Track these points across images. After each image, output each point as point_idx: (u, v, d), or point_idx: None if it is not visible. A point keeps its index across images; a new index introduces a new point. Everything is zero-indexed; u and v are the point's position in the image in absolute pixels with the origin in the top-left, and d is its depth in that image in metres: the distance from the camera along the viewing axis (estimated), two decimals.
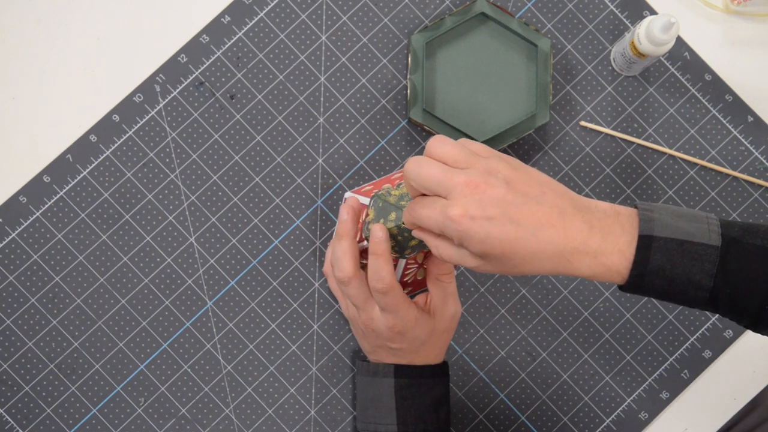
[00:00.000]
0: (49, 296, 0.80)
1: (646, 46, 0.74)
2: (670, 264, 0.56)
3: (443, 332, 0.72)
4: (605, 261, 0.56)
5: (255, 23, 0.82)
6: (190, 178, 0.81)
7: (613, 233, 0.57)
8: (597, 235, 0.56)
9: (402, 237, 0.65)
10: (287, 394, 0.80)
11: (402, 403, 0.70)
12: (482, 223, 0.55)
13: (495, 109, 0.80)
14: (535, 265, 0.56)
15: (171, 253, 0.80)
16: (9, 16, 0.81)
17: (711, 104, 0.82)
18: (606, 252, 0.56)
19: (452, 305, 0.72)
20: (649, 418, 0.81)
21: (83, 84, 0.81)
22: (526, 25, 0.79)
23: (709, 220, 0.58)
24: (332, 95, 0.82)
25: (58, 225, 0.80)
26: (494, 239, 0.55)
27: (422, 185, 0.57)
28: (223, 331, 0.80)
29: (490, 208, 0.55)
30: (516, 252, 0.55)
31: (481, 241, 0.55)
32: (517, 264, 0.56)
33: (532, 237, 0.55)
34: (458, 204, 0.55)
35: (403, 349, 0.71)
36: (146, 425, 0.79)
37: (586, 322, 0.81)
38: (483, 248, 0.55)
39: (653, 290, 0.58)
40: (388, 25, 0.82)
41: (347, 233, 0.69)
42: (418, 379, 0.71)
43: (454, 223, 0.55)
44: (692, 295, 0.58)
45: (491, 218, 0.55)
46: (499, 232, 0.55)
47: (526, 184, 0.57)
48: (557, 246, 0.56)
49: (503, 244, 0.55)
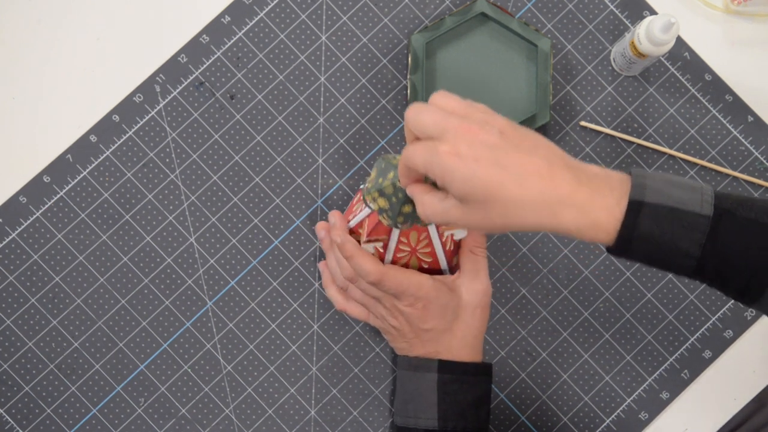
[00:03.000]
0: (49, 296, 0.80)
1: (646, 46, 0.74)
2: (659, 230, 0.56)
3: (475, 308, 0.71)
4: (591, 215, 0.55)
5: (255, 23, 0.82)
6: (190, 178, 0.81)
7: (601, 191, 0.56)
8: (585, 189, 0.55)
9: (396, 198, 0.65)
10: (287, 394, 0.80)
11: (444, 399, 0.69)
12: (469, 162, 0.54)
13: (495, 109, 0.79)
14: (518, 215, 0.55)
15: (171, 253, 0.80)
16: (9, 16, 0.81)
17: (711, 104, 0.82)
18: (593, 207, 0.55)
19: (483, 280, 0.71)
20: (649, 418, 0.81)
21: (83, 84, 0.81)
22: (526, 25, 0.79)
23: (704, 190, 0.57)
24: (332, 95, 0.82)
25: (58, 225, 0.80)
26: (478, 180, 0.54)
27: (419, 128, 0.57)
28: (223, 331, 0.80)
29: (480, 150, 0.54)
30: (500, 197, 0.54)
31: (465, 180, 0.54)
32: (500, 212, 0.55)
33: (517, 184, 0.54)
34: (448, 142, 0.55)
35: (437, 329, 0.70)
36: (146, 425, 0.79)
37: (586, 322, 0.81)
38: (466, 189, 0.55)
39: (640, 255, 0.57)
40: (388, 25, 0.82)
41: (329, 248, 0.74)
42: (462, 375, 0.70)
43: (441, 158, 0.55)
44: (679, 262, 0.57)
45: (478, 159, 0.54)
46: (484, 173, 0.54)
47: (520, 138, 0.56)
48: (543, 195, 0.55)
49: (487, 187, 0.54)
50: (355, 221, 0.71)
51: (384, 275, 0.67)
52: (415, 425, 0.70)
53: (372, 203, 0.68)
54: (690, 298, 0.81)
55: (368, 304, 0.73)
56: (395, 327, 0.72)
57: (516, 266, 0.81)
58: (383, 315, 0.72)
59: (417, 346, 0.71)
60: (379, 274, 0.67)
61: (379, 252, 0.70)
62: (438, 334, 0.70)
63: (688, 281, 0.81)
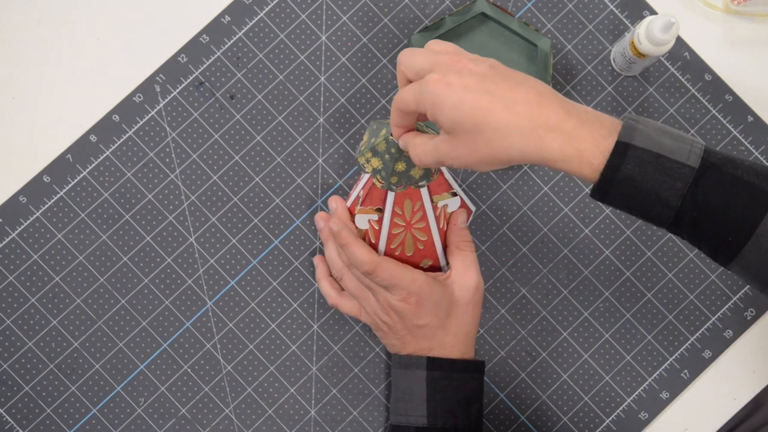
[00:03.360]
0: (49, 296, 0.80)
1: (646, 46, 0.74)
2: (641, 175, 0.55)
3: (468, 304, 0.71)
4: (578, 144, 0.55)
5: (255, 23, 0.82)
6: (190, 178, 0.81)
7: (591, 124, 0.56)
8: (574, 120, 0.55)
9: (389, 155, 0.65)
10: (287, 394, 0.80)
11: (433, 396, 0.70)
12: (457, 89, 0.55)
13: None
14: (505, 141, 0.55)
15: (171, 253, 0.80)
16: (9, 16, 0.81)
17: (711, 104, 0.82)
18: (581, 137, 0.55)
19: (474, 275, 0.72)
20: (649, 418, 0.81)
21: (83, 84, 0.81)
22: (526, 25, 0.79)
23: (694, 142, 0.57)
24: (332, 95, 0.82)
25: (58, 225, 0.80)
26: (467, 105, 0.55)
27: (411, 69, 0.58)
28: (223, 331, 0.80)
29: (468, 79, 0.55)
30: (488, 123, 0.55)
31: (453, 107, 0.55)
32: (488, 139, 0.55)
33: (505, 109, 0.55)
34: (438, 71, 0.56)
35: (430, 325, 0.70)
36: (146, 425, 0.79)
37: (586, 322, 0.81)
38: (454, 115, 0.55)
39: (620, 200, 0.57)
40: (388, 25, 0.82)
41: (328, 237, 0.75)
42: (451, 372, 0.70)
43: (430, 85, 0.56)
44: (658, 211, 0.56)
45: (467, 86, 0.55)
46: (472, 99, 0.55)
47: (510, 71, 0.57)
48: (530, 120, 0.55)
49: (475, 112, 0.55)
50: (352, 198, 0.71)
51: (378, 266, 0.68)
52: (407, 423, 0.71)
53: (366, 164, 0.67)
54: (690, 298, 0.81)
55: (361, 297, 0.73)
56: (387, 323, 0.72)
57: (516, 266, 0.81)
58: (376, 310, 0.72)
59: (410, 343, 0.72)
60: (374, 264, 0.68)
61: (374, 229, 0.70)
62: (431, 330, 0.70)
63: (688, 281, 0.81)
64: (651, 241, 0.81)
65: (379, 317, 0.72)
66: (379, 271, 0.68)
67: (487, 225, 0.81)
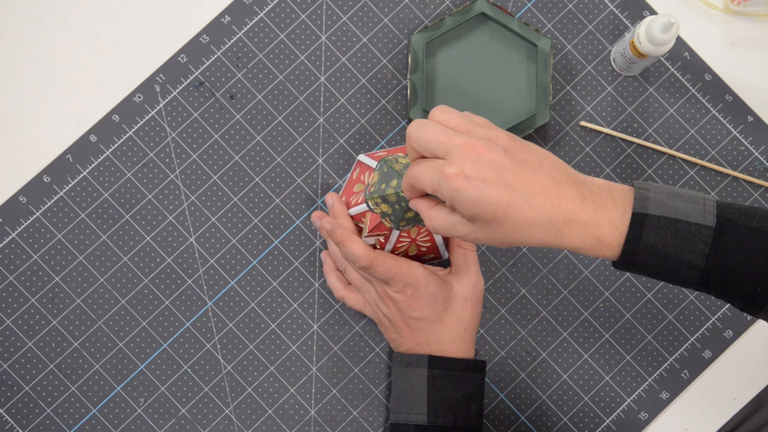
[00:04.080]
0: (49, 296, 0.80)
1: (646, 46, 0.74)
2: (662, 242, 0.56)
3: (466, 300, 0.71)
4: (596, 232, 0.56)
5: (255, 23, 0.82)
6: (190, 178, 0.81)
7: (605, 206, 0.57)
8: (589, 206, 0.56)
9: (399, 206, 0.66)
10: (287, 394, 0.80)
11: (434, 394, 0.70)
12: (477, 184, 0.55)
13: (495, 109, 0.80)
14: (526, 233, 0.56)
15: (171, 253, 0.80)
16: (9, 16, 0.81)
17: (711, 104, 0.82)
18: (597, 224, 0.56)
19: (473, 272, 0.72)
20: (649, 418, 0.81)
21: (83, 84, 0.81)
22: (526, 25, 0.79)
23: (706, 200, 0.58)
24: (332, 95, 0.82)
25: (58, 225, 0.80)
26: (487, 201, 0.55)
27: (422, 146, 0.57)
28: (223, 331, 0.80)
29: (486, 171, 0.55)
30: (508, 217, 0.55)
31: (474, 202, 0.55)
32: (507, 231, 0.56)
33: (525, 203, 0.55)
34: (455, 163, 0.55)
35: (426, 318, 0.70)
36: (146, 425, 0.79)
37: (586, 322, 0.81)
38: (475, 210, 0.55)
39: (645, 268, 0.58)
40: (388, 25, 0.82)
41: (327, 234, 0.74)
42: (452, 371, 0.70)
43: (449, 181, 0.55)
44: (684, 274, 0.58)
45: (486, 180, 0.55)
46: (492, 194, 0.55)
47: (525, 153, 0.57)
48: (549, 214, 0.56)
49: (495, 208, 0.55)
50: (357, 211, 0.71)
51: (374, 260, 0.68)
52: (407, 420, 0.71)
53: (375, 207, 0.68)
54: (690, 298, 0.81)
55: (363, 288, 0.74)
56: (386, 315, 0.72)
57: (516, 266, 0.81)
58: (376, 301, 0.72)
59: (407, 336, 0.72)
60: (369, 260, 0.68)
61: (380, 242, 0.70)
62: (428, 323, 0.71)
63: None
64: None
65: (380, 309, 0.72)
66: (375, 266, 0.68)
67: None
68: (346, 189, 0.75)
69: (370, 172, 0.71)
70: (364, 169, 0.73)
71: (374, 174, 0.69)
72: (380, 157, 0.72)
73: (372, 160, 0.72)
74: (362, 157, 0.74)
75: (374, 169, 0.70)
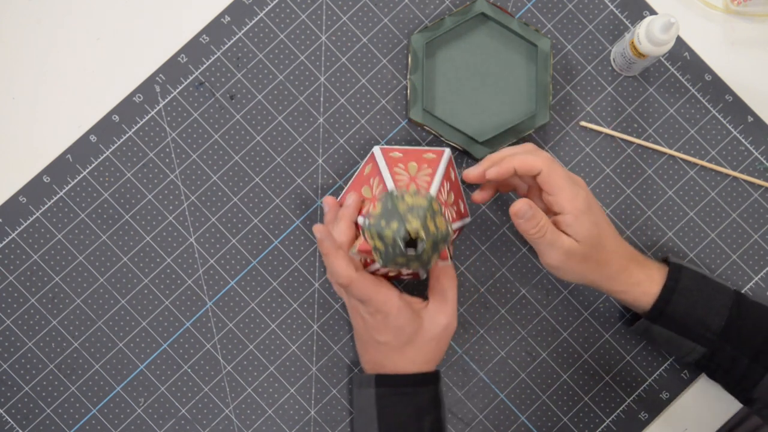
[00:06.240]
0: (49, 296, 0.80)
1: (646, 46, 0.74)
2: (695, 284, 0.71)
3: (431, 339, 0.71)
4: (637, 279, 0.72)
5: (255, 23, 0.82)
6: (190, 178, 0.81)
7: (647, 265, 0.74)
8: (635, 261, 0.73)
9: (393, 250, 0.64)
10: (287, 394, 0.80)
11: (383, 412, 0.70)
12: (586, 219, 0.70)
13: (495, 109, 0.80)
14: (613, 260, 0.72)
15: (171, 253, 0.80)
16: (9, 16, 0.81)
17: (711, 104, 0.82)
18: (639, 277, 0.72)
19: (448, 314, 0.72)
20: (649, 418, 0.81)
21: (83, 84, 0.81)
22: (526, 25, 0.79)
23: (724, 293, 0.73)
24: (332, 95, 0.82)
25: (58, 225, 0.80)
26: (596, 207, 0.71)
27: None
28: (223, 331, 0.80)
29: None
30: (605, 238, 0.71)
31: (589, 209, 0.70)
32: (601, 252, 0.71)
33: (616, 236, 0.72)
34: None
35: (389, 345, 0.71)
36: (146, 425, 0.79)
37: (586, 322, 0.81)
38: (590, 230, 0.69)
39: (677, 312, 0.71)
40: (388, 25, 0.82)
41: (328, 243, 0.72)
42: (398, 388, 0.71)
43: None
44: (710, 320, 0.70)
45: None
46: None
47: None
48: (626, 255, 0.73)
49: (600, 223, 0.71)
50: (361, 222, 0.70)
51: (351, 282, 0.67)
52: None
53: (369, 240, 0.66)
54: None
55: (342, 294, 0.74)
56: (354, 327, 0.74)
57: (516, 266, 0.81)
58: (349, 309, 0.74)
59: (367, 353, 0.73)
60: (347, 280, 0.67)
61: (366, 262, 0.70)
62: (389, 349, 0.71)
63: None
64: (651, 242, 0.81)
65: (351, 316, 0.74)
66: (352, 287, 0.68)
67: (487, 225, 0.81)
68: (355, 184, 0.74)
69: (378, 179, 0.70)
70: (374, 171, 0.72)
71: (378, 204, 0.66)
72: (395, 161, 0.70)
73: (384, 161, 0.70)
74: (377, 153, 0.72)
75: (377, 198, 0.67)
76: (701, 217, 0.82)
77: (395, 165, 0.70)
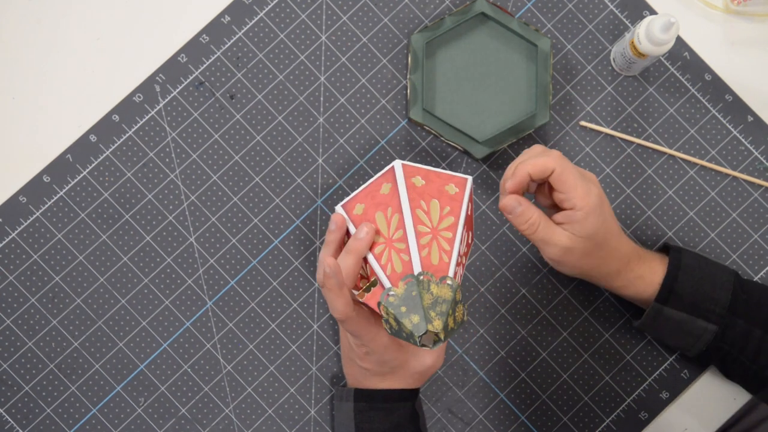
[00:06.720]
0: (49, 296, 0.80)
1: (646, 46, 0.74)
2: (697, 263, 0.72)
3: (414, 374, 0.72)
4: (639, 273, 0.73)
5: (255, 23, 0.82)
6: (190, 178, 0.81)
7: (648, 258, 0.74)
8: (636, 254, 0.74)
9: (405, 336, 0.62)
10: (287, 394, 0.80)
11: (361, 427, 0.71)
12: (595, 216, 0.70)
13: (495, 109, 0.80)
14: (614, 252, 0.72)
15: (171, 253, 0.80)
16: (9, 16, 0.81)
17: (711, 104, 0.82)
18: (641, 270, 0.73)
19: (434, 356, 0.72)
20: (649, 418, 0.81)
21: (83, 84, 0.81)
22: (526, 25, 0.79)
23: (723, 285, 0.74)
24: (332, 95, 0.82)
25: (58, 225, 0.80)
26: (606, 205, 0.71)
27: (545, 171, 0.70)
28: (223, 331, 0.80)
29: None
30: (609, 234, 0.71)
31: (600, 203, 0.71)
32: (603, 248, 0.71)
33: (620, 235, 0.73)
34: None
35: (371, 371, 0.72)
36: (146, 425, 0.79)
37: (586, 322, 0.81)
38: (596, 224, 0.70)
39: (684, 289, 0.71)
40: (388, 25, 0.82)
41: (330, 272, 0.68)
42: (376, 403, 0.71)
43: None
44: (717, 295, 0.71)
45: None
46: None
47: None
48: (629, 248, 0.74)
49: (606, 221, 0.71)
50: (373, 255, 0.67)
51: (347, 318, 0.67)
52: None
53: (384, 315, 0.63)
54: None
55: None
56: (341, 345, 0.75)
57: (516, 266, 0.81)
58: (339, 330, 0.76)
59: (352, 368, 0.74)
60: (343, 316, 0.67)
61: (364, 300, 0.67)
62: (371, 375, 0.72)
63: None
64: (651, 241, 0.81)
65: (341, 336, 0.76)
66: (347, 323, 0.68)
67: (487, 225, 0.81)
68: (368, 197, 0.69)
69: (398, 220, 0.65)
70: (393, 198, 0.67)
71: (401, 285, 0.62)
72: (417, 193, 0.66)
73: (406, 195, 0.66)
74: (399, 178, 0.67)
75: (401, 279, 0.63)
76: (701, 217, 0.82)
77: (418, 201, 0.66)
